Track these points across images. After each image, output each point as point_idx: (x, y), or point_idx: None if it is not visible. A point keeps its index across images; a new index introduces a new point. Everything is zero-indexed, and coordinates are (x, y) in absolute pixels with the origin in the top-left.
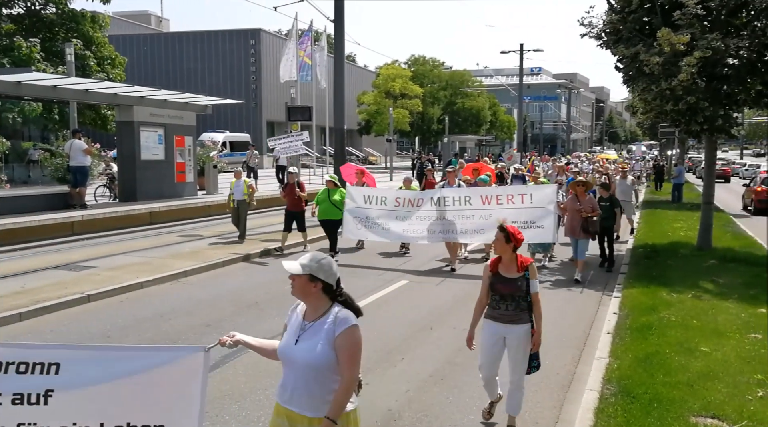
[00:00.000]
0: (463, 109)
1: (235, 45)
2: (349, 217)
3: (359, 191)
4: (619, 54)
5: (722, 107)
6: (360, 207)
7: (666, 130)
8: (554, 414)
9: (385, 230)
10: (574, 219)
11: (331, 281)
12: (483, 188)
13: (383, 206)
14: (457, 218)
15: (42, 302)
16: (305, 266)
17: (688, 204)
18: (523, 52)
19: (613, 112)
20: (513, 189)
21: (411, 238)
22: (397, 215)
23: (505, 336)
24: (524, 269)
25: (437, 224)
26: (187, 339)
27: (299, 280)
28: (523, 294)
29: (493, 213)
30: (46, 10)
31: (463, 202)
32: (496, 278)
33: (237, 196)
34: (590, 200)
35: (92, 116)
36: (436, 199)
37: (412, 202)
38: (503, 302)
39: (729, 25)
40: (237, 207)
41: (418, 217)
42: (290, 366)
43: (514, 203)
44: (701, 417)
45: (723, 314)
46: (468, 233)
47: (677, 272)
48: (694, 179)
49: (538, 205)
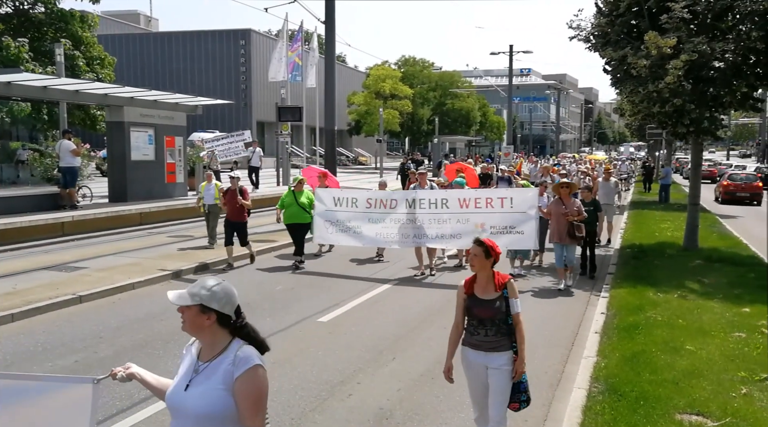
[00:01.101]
0: (452, 110)
1: (225, 45)
2: (319, 220)
3: (328, 193)
4: (608, 57)
5: (708, 109)
6: (330, 210)
7: (653, 131)
8: (543, 412)
9: (358, 234)
10: (560, 224)
11: (227, 310)
12: (461, 191)
13: (354, 208)
14: (432, 222)
15: (34, 302)
16: (194, 294)
17: (675, 205)
18: (512, 53)
19: (601, 114)
20: (492, 192)
21: (384, 242)
22: (369, 217)
23: (486, 365)
24: (502, 288)
25: (411, 228)
26: (180, 340)
27: (189, 312)
28: (503, 317)
29: (471, 217)
30: (35, 10)
31: (439, 205)
32: (473, 301)
33: (208, 201)
34: (575, 203)
35: (81, 116)
36: (411, 201)
37: (385, 203)
38: (482, 327)
39: (715, 29)
40: (208, 212)
41: (392, 219)
42: (180, 417)
43: (494, 207)
44: (686, 414)
45: (708, 313)
46: (444, 237)
47: (664, 272)
48: (680, 180)
49: (519, 209)
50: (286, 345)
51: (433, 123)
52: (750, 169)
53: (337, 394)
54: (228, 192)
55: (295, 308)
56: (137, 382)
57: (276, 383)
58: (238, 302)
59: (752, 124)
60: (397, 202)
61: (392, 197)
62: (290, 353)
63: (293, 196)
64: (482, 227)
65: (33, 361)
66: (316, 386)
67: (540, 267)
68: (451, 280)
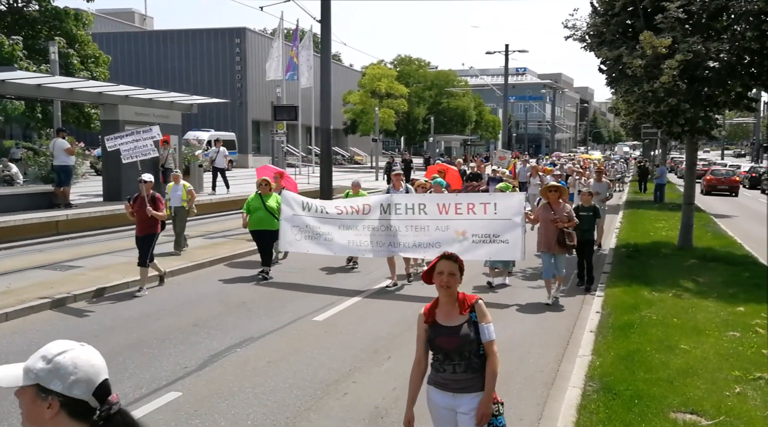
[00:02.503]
0: (448, 109)
1: (220, 44)
2: (286, 226)
3: (295, 197)
4: (603, 56)
5: (703, 109)
6: (298, 214)
7: (648, 131)
8: (538, 411)
9: (328, 241)
10: (549, 231)
11: (80, 392)
12: (441, 195)
13: (324, 213)
14: (409, 229)
15: (28, 301)
16: (30, 370)
17: (670, 204)
18: (508, 52)
19: (597, 113)
20: (475, 197)
21: (357, 250)
22: (341, 224)
23: (455, 409)
24: (469, 310)
25: (385, 235)
26: (175, 338)
27: (23, 396)
28: (473, 347)
29: (452, 224)
30: (29, 8)
31: (416, 211)
32: (436, 330)
33: (174, 203)
34: (564, 208)
35: (76, 115)
36: (386, 207)
37: (357, 209)
38: (449, 362)
39: (710, 29)
40: (174, 214)
41: (365, 226)
42: None
43: (476, 213)
44: (681, 413)
45: (702, 312)
46: (422, 246)
47: (659, 271)
48: (675, 179)
49: (504, 216)
50: (281, 344)
51: (428, 122)
52: (744, 168)
53: (333, 393)
54: (137, 199)
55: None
56: (132, 381)
57: (271, 382)
58: (103, 378)
59: (746, 124)
60: (371, 208)
61: (366, 202)
62: (285, 352)
63: (260, 199)
64: (464, 235)
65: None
66: (312, 385)
67: (525, 276)
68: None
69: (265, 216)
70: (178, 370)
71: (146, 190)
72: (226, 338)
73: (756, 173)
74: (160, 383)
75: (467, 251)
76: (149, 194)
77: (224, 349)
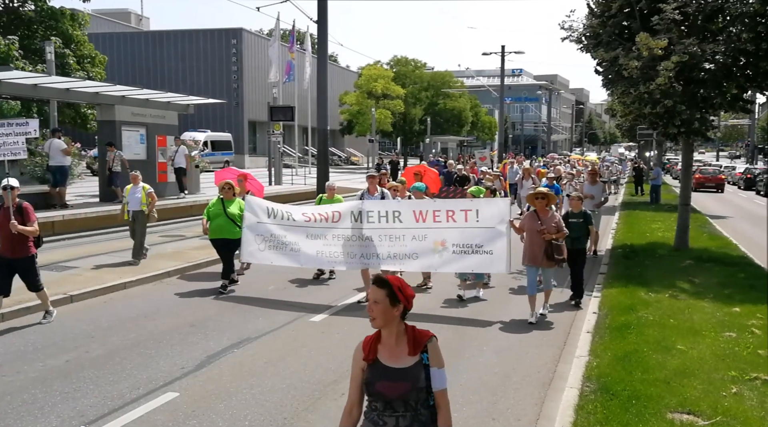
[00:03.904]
0: (444, 110)
1: (216, 44)
2: (249, 235)
3: (260, 202)
4: (599, 57)
5: (699, 111)
6: (263, 222)
7: (644, 132)
8: (535, 411)
9: (295, 252)
10: (535, 243)
11: None
12: (417, 201)
13: (291, 222)
14: (383, 239)
15: (24, 302)
16: None
17: (666, 205)
18: (504, 53)
19: (592, 114)
20: (455, 203)
21: (327, 262)
22: (308, 233)
23: None
24: (420, 350)
25: (358, 246)
26: (172, 339)
27: None
28: (422, 396)
29: (430, 233)
30: (25, 8)
31: (391, 219)
32: (376, 371)
33: (132, 207)
34: (553, 217)
35: (72, 115)
36: (357, 214)
37: (326, 217)
38: (390, 412)
39: (705, 31)
40: (132, 219)
41: (335, 236)
42: None
43: (456, 221)
44: (677, 413)
45: (699, 313)
46: (397, 257)
47: (655, 272)
48: (670, 180)
49: (487, 224)
50: (278, 345)
51: (425, 123)
52: (740, 169)
53: (330, 393)
54: (1, 210)
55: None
56: (129, 382)
57: (268, 382)
58: None
59: (741, 125)
60: (341, 215)
61: (335, 209)
62: (282, 353)
63: (221, 205)
64: (443, 245)
65: (24, 361)
66: (309, 385)
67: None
68: None
69: (226, 223)
70: (175, 370)
71: (11, 199)
72: (223, 338)
73: (751, 175)
74: (157, 384)
75: (447, 263)
76: (15, 204)
77: (220, 350)
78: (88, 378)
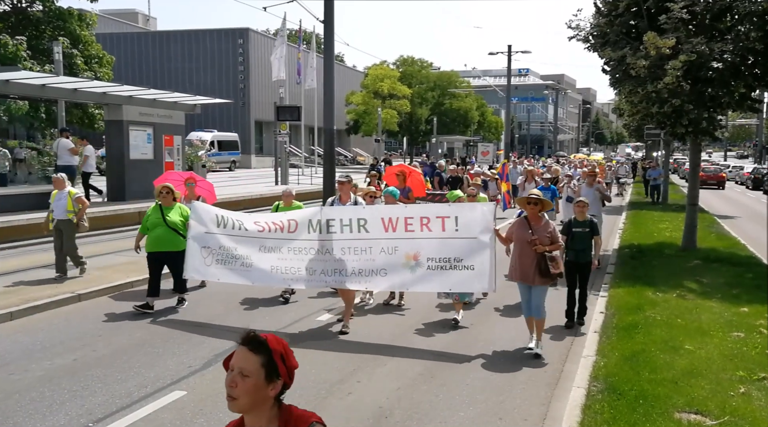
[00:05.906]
0: (451, 110)
1: (223, 44)
2: (194, 247)
3: (208, 209)
4: (606, 57)
5: (706, 110)
6: (211, 232)
7: (652, 132)
8: (542, 411)
9: (246, 268)
10: (525, 255)
11: None
12: (385, 207)
13: (242, 232)
14: (347, 252)
15: (32, 301)
16: None
17: (673, 205)
18: (510, 53)
19: (599, 114)
20: (431, 209)
21: (282, 279)
22: (262, 245)
23: None
24: None
25: (318, 261)
26: (179, 338)
27: None
28: None
29: (401, 245)
30: (33, 8)
31: (355, 228)
32: None
33: (58, 215)
34: (547, 225)
35: (79, 115)
36: (315, 224)
37: (282, 226)
38: None
39: (713, 30)
40: (58, 229)
41: (291, 248)
42: None
43: (431, 230)
44: (685, 413)
45: (706, 313)
46: (363, 274)
47: (662, 272)
48: (677, 180)
49: (468, 233)
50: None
51: (431, 123)
52: (748, 169)
53: (336, 393)
54: None
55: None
56: (137, 380)
57: None
58: None
59: (749, 125)
60: (297, 225)
61: (291, 217)
62: None
63: (160, 212)
64: (416, 259)
65: (31, 359)
66: (315, 385)
67: None
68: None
69: (166, 234)
70: (182, 369)
71: None
72: (230, 337)
73: (759, 175)
74: (164, 382)
75: (420, 281)
76: None
77: (228, 349)
78: (95, 376)
